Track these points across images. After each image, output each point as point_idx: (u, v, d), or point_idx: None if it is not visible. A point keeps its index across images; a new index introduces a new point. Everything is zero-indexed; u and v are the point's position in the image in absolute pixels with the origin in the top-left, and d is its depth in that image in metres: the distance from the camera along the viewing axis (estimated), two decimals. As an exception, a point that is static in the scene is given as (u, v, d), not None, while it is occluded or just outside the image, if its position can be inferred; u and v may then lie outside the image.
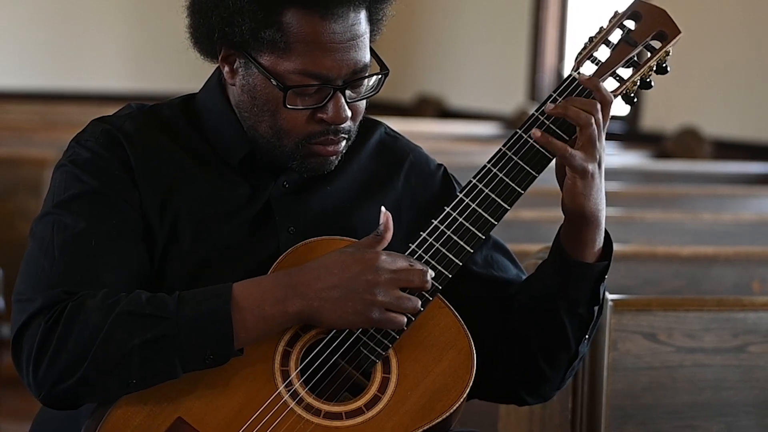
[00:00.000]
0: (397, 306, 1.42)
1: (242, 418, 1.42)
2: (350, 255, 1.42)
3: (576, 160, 1.45)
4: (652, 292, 2.42)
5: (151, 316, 1.40)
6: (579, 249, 1.50)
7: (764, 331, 2.02)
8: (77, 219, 1.46)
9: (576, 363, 1.57)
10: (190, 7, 1.50)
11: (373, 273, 1.41)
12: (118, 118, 1.54)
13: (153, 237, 1.49)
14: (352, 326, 1.43)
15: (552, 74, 6.22)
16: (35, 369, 1.42)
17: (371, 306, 1.41)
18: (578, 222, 1.49)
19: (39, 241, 1.47)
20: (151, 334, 1.39)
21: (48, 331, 1.41)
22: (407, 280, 1.42)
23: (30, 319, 1.43)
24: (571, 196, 1.47)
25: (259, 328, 1.42)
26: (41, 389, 1.43)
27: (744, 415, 2.01)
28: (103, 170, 1.48)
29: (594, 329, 1.56)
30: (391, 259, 1.42)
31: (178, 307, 1.41)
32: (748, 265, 2.49)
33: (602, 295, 1.54)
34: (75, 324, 1.40)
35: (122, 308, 1.40)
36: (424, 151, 1.64)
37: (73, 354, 1.40)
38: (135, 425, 1.42)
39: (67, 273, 1.44)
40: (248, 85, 1.48)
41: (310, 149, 1.49)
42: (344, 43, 1.45)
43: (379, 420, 1.43)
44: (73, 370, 1.40)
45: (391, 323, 1.42)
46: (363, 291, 1.40)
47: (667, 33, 1.50)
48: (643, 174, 4.38)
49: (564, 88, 1.49)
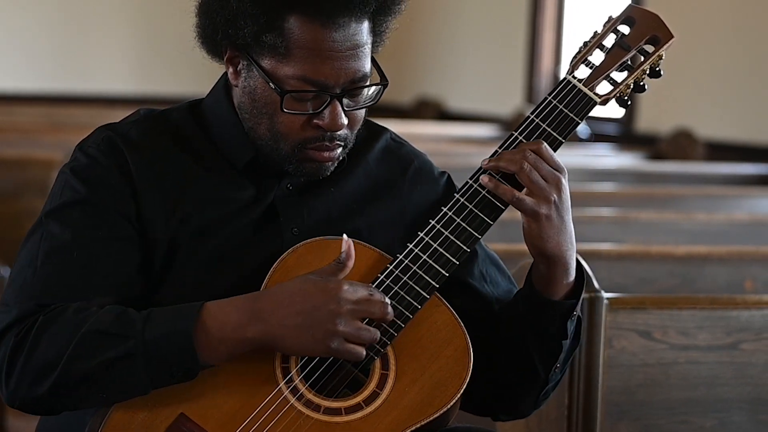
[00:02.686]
0: (356, 337, 1.42)
1: (244, 413, 1.44)
2: (313, 283, 1.42)
3: (524, 204, 1.46)
4: (647, 290, 2.44)
5: (116, 336, 1.41)
6: (545, 286, 1.51)
7: (757, 328, 2.04)
8: (64, 229, 1.47)
9: (549, 388, 1.57)
10: (198, 8, 1.51)
11: (335, 303, 1.41)
12: (123, 125, 1.55)
13: (154, 242, 1.49)
14: (311, 354, 1.43)
15: (548, 77, 6.25)
16: (7, 379, 1.44)
17: (332, 336, 1.41)
18: (542, 262, 1.50)
19: (27, 249, 1.49)
20: (115, 353, 1.40)
21: (17, 345, 1.43)
22: (368, 312, 1.42)
23: (4, 331, 1.45)
24: (528, 238, 1.48)
25: (221, 350, 1.42)
26: (14, 399, 1.45)
27: (737, 411, 2.02)
28: (99, 178, 1.49)
29: (568, 359, 1.56)
30: (353, 289, 1.42)
31: (144, 325, 1.41)
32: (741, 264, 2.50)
33: (571, 331, 1.53)
34: (42, 340, 1.42)
35: (89, 326, 1.41)
36: (428, 158, 1.65)
37: (40, 368, 1.42)
38: (138, 421, 1.43)
39: (45, 285, 1.45)
40: (249, 87, 1.50)
41: (306, 154, 1.49)
42: (344, 52, 1.45)
43: (377, 415, 1.45)
44: (41, 384, 1.42)
45: (350, 354, 1.42)
46: (324, 320, 1.40)
47: (660, 37, 1.51)
48: (638, 175, 4.40)
49: (559, 90, 1.51)
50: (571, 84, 1.50)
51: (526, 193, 1.46)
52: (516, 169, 1.46)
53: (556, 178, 1.47)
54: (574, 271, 1.51)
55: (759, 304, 2.07)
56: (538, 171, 1.46)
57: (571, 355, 1.57)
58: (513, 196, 1.46)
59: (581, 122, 1.50)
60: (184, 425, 1.43)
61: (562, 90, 1.50)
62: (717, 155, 5.00)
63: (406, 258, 1.48)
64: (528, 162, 1.46)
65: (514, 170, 1.46)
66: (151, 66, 7.16)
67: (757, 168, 4.57)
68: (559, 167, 1.48)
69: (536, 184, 1.45)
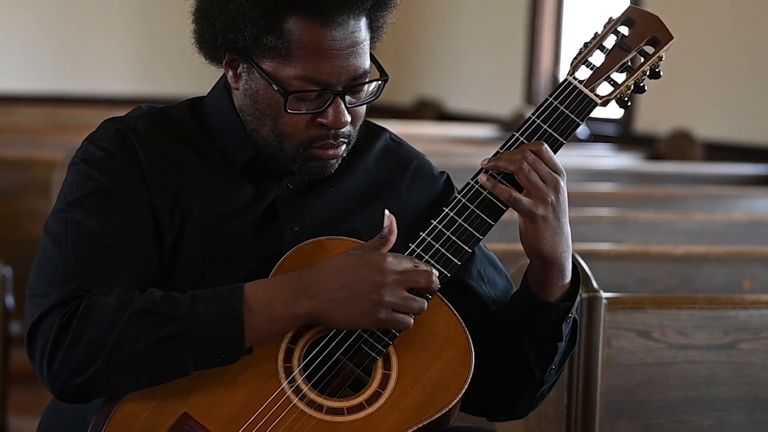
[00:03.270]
0: (403, 306, 1.43)
1: (246, 413, 1.44)
2: (357, 257, 1.44)
3: (521, 204, 1.47)
4: (646, 290, 2.44)
5: (164, 315, 1.41)
6: (540, 287, 1.51)
7: (755, 328, 2.04)
8: (89, 217, 1.48)
9: (545, 388, 1.58)
10: (195, 14, 1.52)
11: (380, 274, 1.42)
12: (129, 118, 1.55)
13: (162, 235, 1.50)
14: (360, 326, 1.44)
15: (548, 78, 6.26)
16: (49, 364, 1.43)
17: (379, 306, 1.42)
18: (537, 263, 1.51)
19: (53, 237, 1.48)
20: (164, 333, 1.41)
21: (63, 327, 1.42)
22: (413, 281, 1.44)
23: (45, 315, 1.44)
24: (524, 239, 1.49)
25: (268, 329, 1.43)
26: (54, 384, 1.44)
27: (735, 410, 2.03)
28: (115, 169, 1.50)
29: (564, 360, 1.57)
30: (397, 261, 1.44)
31: (191, 306, 1.42)
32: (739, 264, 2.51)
33: (566, 333, 1.54)
34: (89, 321, 1.42)
35: (136, 307, 1.42)
36: (427, 158, 1.66)
37: (87, 351, 1.41)
38: (142, 420, 1.43)
39: (81, 269, 1.46)
40: (251, 89, 1.50)
41: (311, 153, 1.50)
42: (344, 49, 1.46)
43: (379, 415, 1.45)
44: (87, 367, 1.42)
45: (398, 323, 1.44)
46: (370, 292, 1.42)
47: (660, 38, 1.52)
48: (637, 175, 4.40)
49: (560, 91, 1.51)
50: (572, 85, 1.51)
51: (524, 194, 1.47)
52: (515, 169, 1.47)
53: (554, 180, 1.47)
54: (569, 273, 1.52)
55: (757, 303, 2.08)
56: (537, 172, 1.47)
57: (567, 357, 1.57)
58: (510, 195, 1.47)
59: (582, 123, 1.51)
60: (187, 424, 1.43)
61: (563, 91, 1.51)
62: (715, 156, 5.01)
63: None
64: (527, 162, 1.46)
65: (513, 170, 1.47)
66: (151, 66, 7.17)
67: (756, 168, 4.58)
68: (558, 169, 1.49)
69: (534, 184, 1.46)
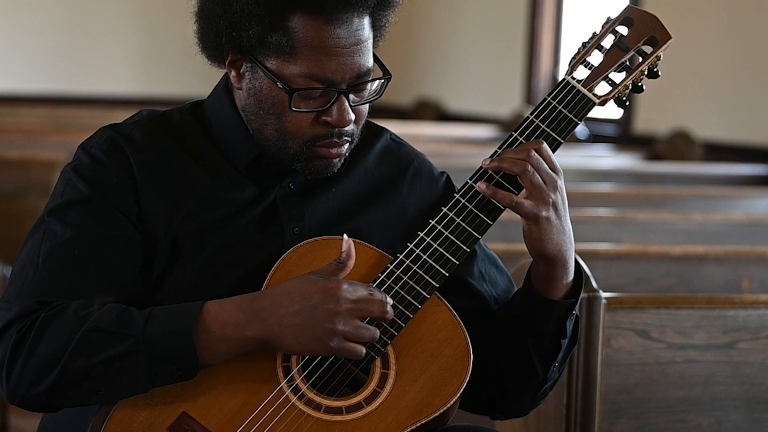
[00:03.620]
0: (355, 336, 1.42)
1: (245, 412, 1.45)
2: (312, 283, 1.43)
3: (524, 208, 1.47)
4: (645, 290, 2.45)
5: (117, 333, 1.41)
6: (545, 285, 1.52)
7: (753, 328, 2.05)
8: (65, 227, 1.48)
9: (547, 386, 1.58)
10: (198, 14, 1.52)
11: (334, 302, 1.41)
12: (126, 126, 1.56)
13: (156, 242, 1.50)
14: (311, 353, 1.44)
15: (547, 78, 6.27)
16: (7, 376, 1.45)
17: (331, 335, 1.41)
18: (542, 262, 1.51)
19: (29, 248, 1.50)
20: (116, 351, 1.41)
21: (18, 341, 1.43)
22: (367, 311, 1.43)
23: (5, 327, 1.45)
24: (528, 240, 1.49)
25: (221, 349, 1.42)
26: (14, 396, 1.46)
27: (733, 410, 2.03)
28: (101, 178, 1.50)
29: (566, 358, 1.57)
30: (352, 289, 1.43)
31: (145, 324, 1.42)
32: (738, 264, 2.51)
33: (570, 330, 1.54)
34: (43, 337, 1.42)
35: (91, 324, 1.42)
36: (427, 158, 1.66)
37: (41, 366, 1.42)
38: (141, 419, 1.44)
39: (47, 282, 1.46)
40: (254, 88, 1.50)
41: (315, 151, 1.50)
42: (348, 47, 1.47)
43: (378, 414, 1.46)
44: (42, 380, 1.43)
45: (350, 353, 1.43)
46: (323, 320, 1.41)
47: (659, 38, 1.52)
48: (636, 175, 4.41)
49: (559, 91, 1.52)
50: (570, 85, 1.51)
51: (526, 196, 1.47)
52: (519, 171, 1.47)
53: (553, 180, 1.48)
54: (573, 270, 1.53)
55: (755, 303, 2.08)
56: (539, 173, 1.47)
57: (569, 355, 1.58)
58: (512, 201, 1.47)
59: (580, 123, 1.51)
60: (186, 424, 1.44)
61: (562, 91, 1.51)
62: (714, 156, 5.02)
63: (407, 258, 1.49)
64: (531, 164, 1.47)
65: (517, 172, 1.47)
66: (153, 68, 7.19)
67: (754, 168, 4.58)
68: (557, 168, 1.49)
69: (537, 187, 1.46)
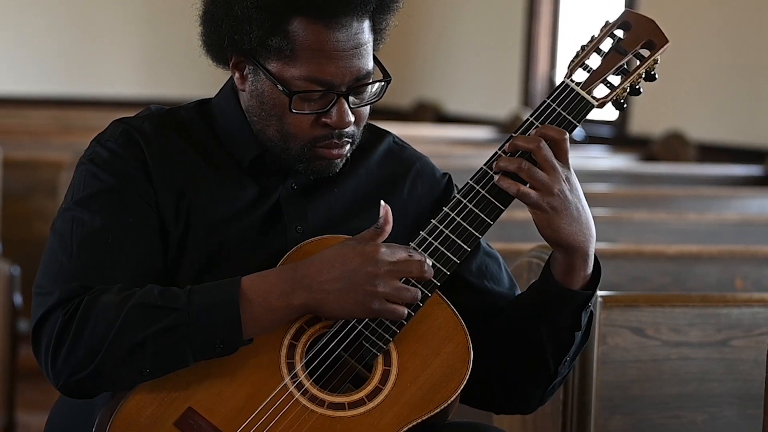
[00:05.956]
0: (396, 297, 1.44)
1: (250, 407, 1.46)
2: (351, 248, 1.45)
3: (530, 198, 1.48)
4: (640, 288, 2.43)
5: (163, 308, 1.43)
6: (563, 275, 1.52)
7: (747, 325, 2.05)
8: (95, 216, 1.50)
9: (557, 381, 1.58)
10: (202, 17, 1.54)
11: (373, 265, 1.43)
12: (137, 119, 1.57)
13: (167, 233, 1.52)
14: (354, 316, 1.46)
15: (544, 81, 6.28)
16: (53, 360, 1.46)
17: (372, 297, 1.43)
18: (560, 251, 1.52)
19: (59, 236, 1.51)
20: (163, 324, 1.43)
21: (65, 324, 1.45)
22: (406, 271, 1.45)
23: (48, 312, 1.47)
24: (539, 229, 1.50)
25: (266, 319, 1.45)
26: (59, 379, 1.47)
27: (727, 406, 2.04)
28: (121, 169, 1.52)
29: (578, 352, 1.58)
30: (391, 251, 1.45)
31: (189, 298, 1.44)
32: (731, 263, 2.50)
33: (585, 322, 1.55)
34: (90, 317, 1.44)
35: (135, 301, 1.44)
36: (430, 161, 1.67)
37: (89, 346, 1.44)
38: (147, 414, 1.45)
39: (84, 268, 1.48)
40: (257, 90, 1.52)
41: (316, 152, 1.52)
42: (348, 51, 1.48)
43: (380, 410, 1.47)
44: (89, 362, 1.44)
45: (391, 313, 1.45)
46: (364, 282, 1.43)
47: (656, 42, 1.53)
48: (631, 176, 4.41)
49: (558, 94, 1.53)
50: (569, 87, 1.52)
51: (531, 186, 1.48)
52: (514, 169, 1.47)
53: (557, 173, 1.47)
54: (592, 263, 1.53)
55: (749, 301, 2.09)
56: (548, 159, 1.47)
57: (579, 351, 1.58)
58: (518, 190, 1.48)
59: (579, 125, 1.52)
60: (191, 419, 1.45)
61: (561, 93, 1.52)
62: (708, 157, 5.04)
63: None
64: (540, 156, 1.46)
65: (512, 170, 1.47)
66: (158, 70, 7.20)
67: (747, 169, 4.60)
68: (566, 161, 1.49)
69: (539, 179, 1.47)
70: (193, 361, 1.45)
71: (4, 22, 6.99)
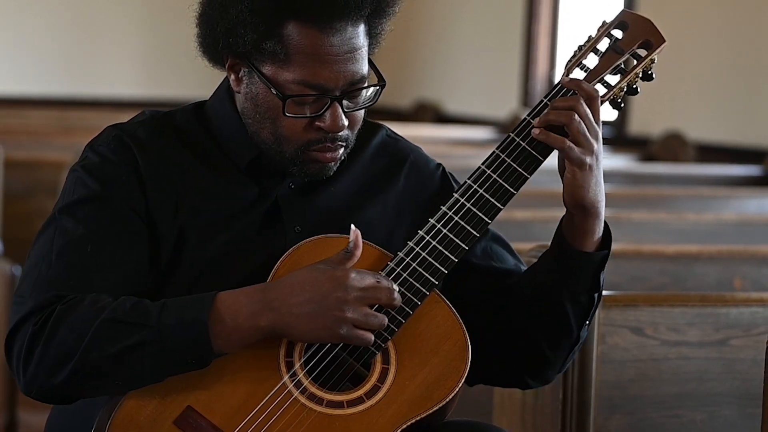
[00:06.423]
0: (364, 323, 1.44)
1: (249, 406, 1.46)
2: (321, 272, 1.45)
3: (574, 153, 1.48)
4: (639, 288, 2.44)
5: (132, 324, 1.43)
6: (579, 239, 1.54)
7: (745, 325, 2.06)
8: (77, 224, 1.50)
9: (577, 347, 1.60)
10: (198, 18, 1.54)
11: (342, 290, 1.44)
12: (131, 124, 1.58)
13: (161, 239, 1.52)
14: (321, 341, 1.46)
15: (544, 81, 6.29)
16: (24, 369, 1.46)
17: (340, 322, 1.44)
18: (578, 213, 1.52)
19: (41, 244, 1.52)
20: (131, 341, 1.43)
21: (36, 333, 1.45)
22: (375, 298, 1.45)
23: (21, 321, 1.47)
24: (570, 188, 1.50)
25: (234, 338, 1.44)
26: (30, 388, 1.48)
27: (726, 405, 2.04)
28: (110, 174, 1.52)
29: (593, 314, 1.60)
30: (360, 277, 1.45)
31: (160, 315, 1.44)
32: (730, 263, 2.51)
33: (602, 282, 1.57)
34: (60, 328, 1.44)
35: (106, 315, 1.44)
36: (423, 152, 1.68)
37: (58, 357, 1.44)
38: (147, 413, 1.46)
39: (61, 277, 1.48)
40: (251, 93, 1.53)
41: (309, 155, 1.52)
42: (342, 55, 1.48)
43: (378, 408, 1.48)
44: (59, 372, 1.44)
45: (358, 339, 1.45)
46: (333, 308, 1.43)
47: (653, 42, 1.53)
48: (630, 176, 4.42)
49: (554, 94, 1.53)
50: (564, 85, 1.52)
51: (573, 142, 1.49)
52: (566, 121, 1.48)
53: (596, 130, 1.50)
54: (603, 224, 1.55)
55: (747, 301, 2.09)
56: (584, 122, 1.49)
57: (594, 313, 1.59)
58: (564, 144, 1.48)
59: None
60: (191, 417, 1.46)
61: (558, 93, 1.53)
62: (707, 157, 5.04)
63: (407, 255, 1.51)
64: (579, 113, 1.48)
65: (564, 122, 1.49)
66: (158, 70, 7.21)
67: (746, 169, 4.60)
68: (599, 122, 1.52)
69: (582, 134, 1.48)
70: (166, 376, 1.45)
71: (4, 22, 7.00)
